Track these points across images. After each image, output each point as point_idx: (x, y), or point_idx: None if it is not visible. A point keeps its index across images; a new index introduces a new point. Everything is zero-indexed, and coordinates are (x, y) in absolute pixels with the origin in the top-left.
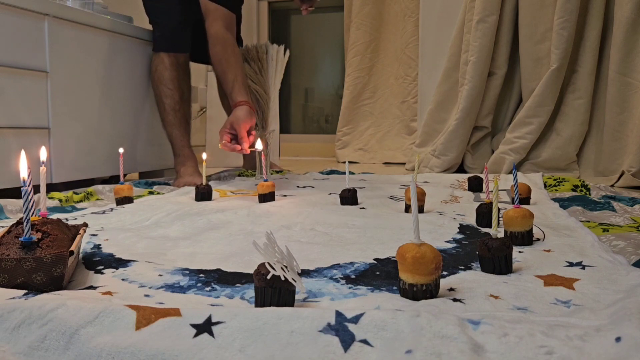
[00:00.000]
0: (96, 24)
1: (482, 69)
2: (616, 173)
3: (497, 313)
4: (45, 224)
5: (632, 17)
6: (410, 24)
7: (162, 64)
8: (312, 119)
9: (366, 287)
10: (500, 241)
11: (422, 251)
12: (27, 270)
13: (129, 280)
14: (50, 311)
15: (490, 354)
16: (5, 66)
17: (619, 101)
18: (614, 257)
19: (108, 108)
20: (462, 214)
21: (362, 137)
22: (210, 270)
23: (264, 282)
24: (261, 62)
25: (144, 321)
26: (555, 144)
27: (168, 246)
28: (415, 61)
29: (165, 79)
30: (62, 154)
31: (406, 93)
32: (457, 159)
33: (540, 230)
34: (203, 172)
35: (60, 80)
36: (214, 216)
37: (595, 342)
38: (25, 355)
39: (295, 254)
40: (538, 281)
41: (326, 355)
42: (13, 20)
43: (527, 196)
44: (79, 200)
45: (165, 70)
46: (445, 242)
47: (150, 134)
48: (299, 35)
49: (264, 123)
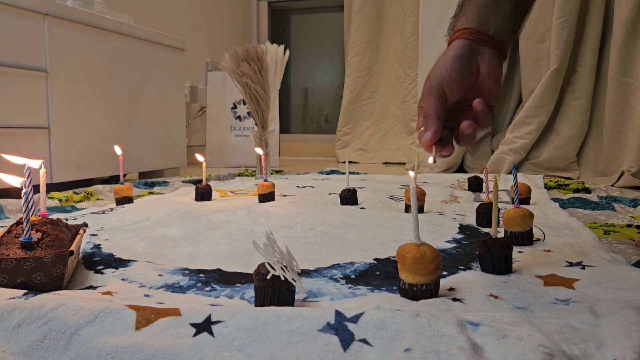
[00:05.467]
0: (96, 24)
1: None
2: (616, 173)
3: (496, 314)
4: (45, 224)
5: (632, 17)
6: (410, 24)
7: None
8: (311, 119)
9: (366, 287)
10: (500, 241)
11: (422, 251)
12: (27, 270)
13: (129, 280)
14: (50, 311)
15: (489, 354)
16: (5, 66)
17: (619, 101)
18: (614, 257)
19: (108, 108)
20: (462, 214)
21: (362, 137)
22: (210, 270)
23: (264, 282)
24: (261, 62)
25: (144, 321)
26: (555, 144)
27: (168, 246)
28: (415, 61)
29: None
30: (62, 154)
31: (406, 93)
32: (457, 159)
33: (540, 230)
34: (203, 172)
35: (60, 80)
36: (214, 216)
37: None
38: (25, 355)
39: (295, 254)
40: (538, 281)
41: (326, 354)
42: (13, 20)
43: (527, 196)
44: (79, 200)
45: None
46: (445, 242)
47: (150, 134)
48: (299, 35)
49: (264, 123)
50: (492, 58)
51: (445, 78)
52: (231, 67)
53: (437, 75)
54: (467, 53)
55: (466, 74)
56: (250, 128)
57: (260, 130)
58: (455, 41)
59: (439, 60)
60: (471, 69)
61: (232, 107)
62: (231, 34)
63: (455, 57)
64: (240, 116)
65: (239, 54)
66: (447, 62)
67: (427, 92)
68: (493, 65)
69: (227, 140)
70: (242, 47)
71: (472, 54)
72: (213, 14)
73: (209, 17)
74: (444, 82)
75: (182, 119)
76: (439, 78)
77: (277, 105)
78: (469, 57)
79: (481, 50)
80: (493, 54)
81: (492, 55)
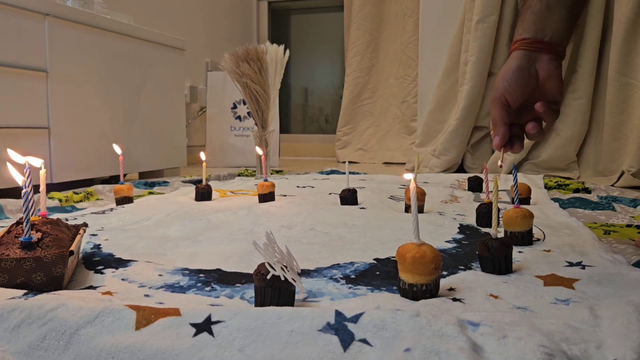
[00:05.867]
0: (96, 24)
1: (481, 69)
2: (616, 173)
3: (496, 314)
4: (45, 224)
5: (632, 17)
6: (410, 24)
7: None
8: (311, 119)
9: (366, 287)
10: (500, 241)
11: (422, 251)
12: (27, 270)
13: (129, 280)
14: (50, 311)
15: (489, 354)
16: (5, 66)
17: (619, 101)
18: (614, 257)
19: (108, 108)
20: (462, 214)
21: (362, 137)
22: (210, 270)
23: (264, 282)
24: (261, 62)
25: (144, 321)
26: (555, 144)
27: (168, 246)
28: (415, 61)
29: None
30: (62, 154)
31: (406, 93)
32: (457, 159)
33: (540, 230)
34: (203, 172)
35: (60, 80)
36: (214, 216)
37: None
38: (25, 355)
39: (295, 254)
40: (538, 281)
41: (325, 354)
42: (13, 20)
43: (527, 196)
44: (79, 200)
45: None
46: (445, 242)
47: (150, 134)
48: (299, 35)
49: (264, 123)
50: (549, 62)
51: (507, 88)
52: (231, 67)
53: (500, 86)
54: (526, 63)
55: (526, 82)
56: (250, 128)
57: (260, 130)
58: (515, 52)
59: (502, 70)
60: (531, 76)
61: (232, 107)
62: (231, 34)
63: (515, 68)
64: (240, 116)
65: (238, 54)
66: (508, 73)
67: (492, 102)
68: (552, 68)
69: (227, 140)
70: (242, 47)
71: (531, 63)
72: (213, 14)
73: (209, 17)
74: (506, 92)
75: (182, 119)
76: (501, 89)
77: (277, 105)
78: (528, 67)
79: (539, 57)
80: (550, 58)
81: (549, 60)
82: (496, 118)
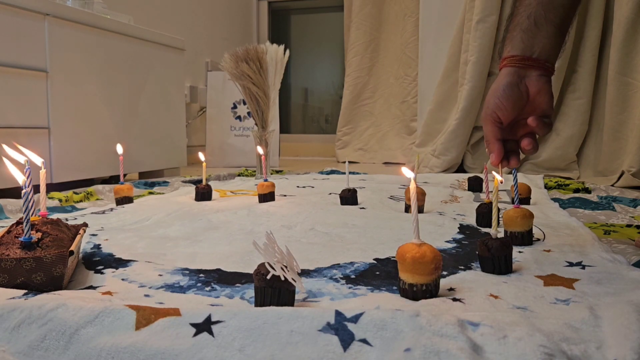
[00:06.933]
0: (96, 24)
1: (481, 69)
2: (616, 173)
3: (496, 314)
4: (45, 224)
5: (632, 17)
6: (410, 24)
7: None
8: (311, 119)
9: (366, 287)
10: (500, 241)
11: (422, 251)
12: (27, 270)
13: (129, 280)
14: (50, 311)
15: (489, 355)
16: (5, 66)
17: (619, 101)
18: (614, 257)
19: (108, 108)
20: (462, 214)
21: (362, 137)
22: (210, 270)
23: (264, 282)
24: (261, 62)
25: (144, 321)
26: (555, 144)
27: (168, 246)
28: (415, 61)
29: None
30: (62, 154)
31: (406, 93)
32: (457, 159)
33: (540, 230)
34: (203, 172)
35: (60, 80)
36: (214, 216)
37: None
38: (25, 355)
39: (295, 254)
40: (538, 281)
41: (325, 354)
42: (13, 20)
43: (527, 196)
44: (79, 200)
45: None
46: (445, 242)
47: (150, 134)
48: (299, 35)
49: (264, 123)
50: (539, 78)
51: (498, 105)
52: (231, 67)
53: (491, 104)
54: (516, 79)
55: (517, 99)
56: (250, 128)
57: (260, 130)
58: (504, 69)
59: (492, 87)
60: (521, 93)
61: (232, 107)
62: (231, 34)
63: (506, 85)
64: (240, 116)
65: (238, 54)
66: (499, 90)
67: (484, 119)
68: (541, 84)
69: (227, 140)
70: (242, 47)
71: (520, 79)
72: (213, 14)
73: (209, 17)
74: (497, 109)
75: (182, 119)
76: (492, 106)
77: (277, 105)
78: (518, 83)
79: (528, 73)
80: (539, 74)
81: (538, 76)
82: (489, 135)
